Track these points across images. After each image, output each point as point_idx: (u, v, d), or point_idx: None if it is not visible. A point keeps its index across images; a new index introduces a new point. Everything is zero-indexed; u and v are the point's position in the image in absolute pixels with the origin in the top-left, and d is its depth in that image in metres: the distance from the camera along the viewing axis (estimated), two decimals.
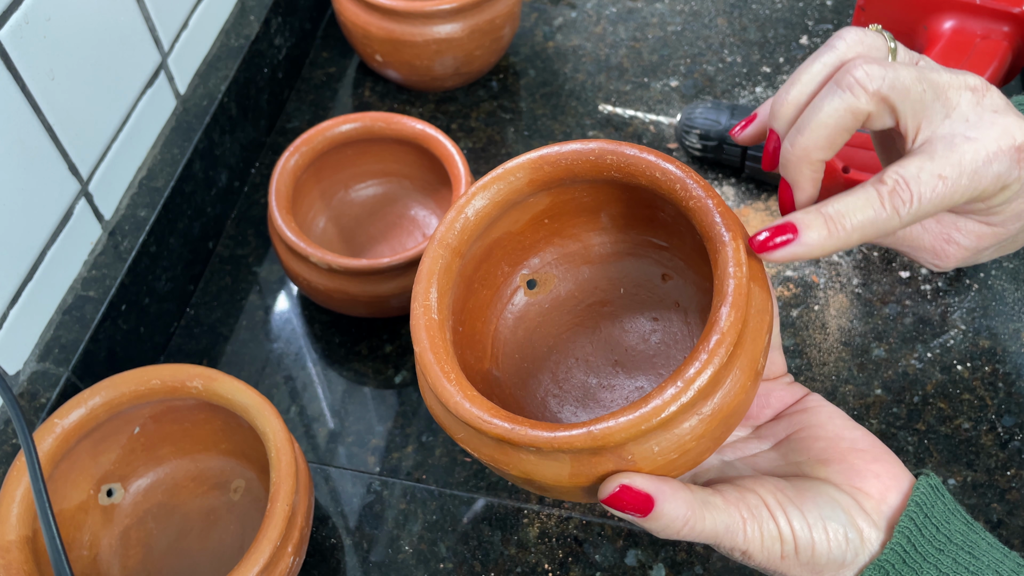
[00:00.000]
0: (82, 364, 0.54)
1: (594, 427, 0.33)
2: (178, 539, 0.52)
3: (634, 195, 0.41)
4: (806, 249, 0.34)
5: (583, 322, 0.45)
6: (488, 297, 0.44)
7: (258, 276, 0.66)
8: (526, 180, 0.40)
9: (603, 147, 0.39)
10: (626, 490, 0.34)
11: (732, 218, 0.36)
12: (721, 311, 0.33)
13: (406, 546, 0.54)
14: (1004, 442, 0.56)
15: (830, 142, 0.35)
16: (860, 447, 0.39)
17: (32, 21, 0.48)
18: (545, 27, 0.81)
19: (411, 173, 0.67)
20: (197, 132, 0.64)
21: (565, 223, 0.44)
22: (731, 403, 0.34)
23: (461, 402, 0.35)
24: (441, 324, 0.37)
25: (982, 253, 0.39)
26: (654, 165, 0.38)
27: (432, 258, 0.39)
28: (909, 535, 0.36)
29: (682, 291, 0.44)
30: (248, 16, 0.71)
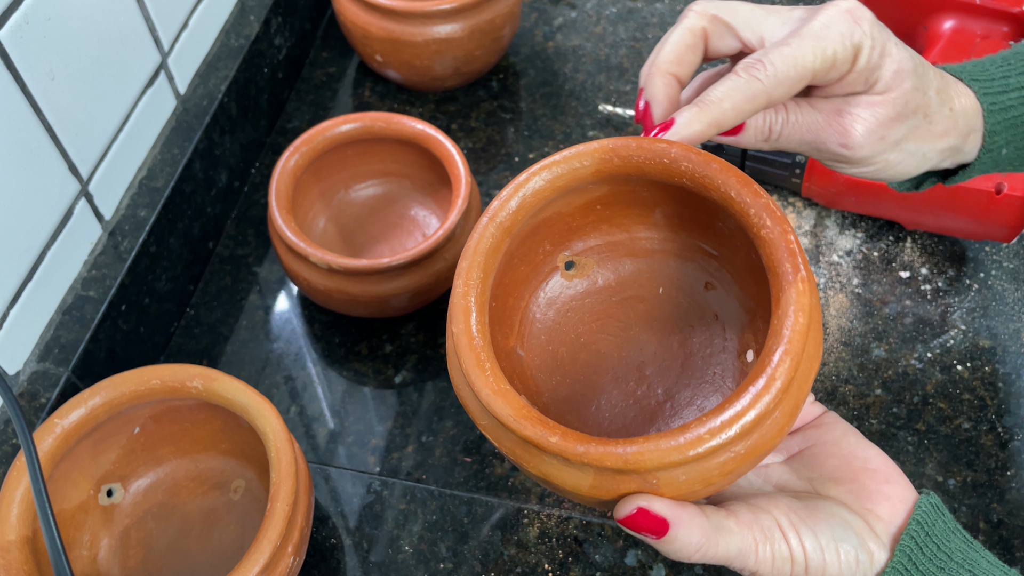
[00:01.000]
0: (82, 364, 0.54)
1: (627, 449, 0.32)
2: (178, 539, 0.52)
3: (697, 200, 0.40)
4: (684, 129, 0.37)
5: (615, 315, 0.44)
6: (525, 274, 0.43)
7: (258, 276, 0.66)
8: (592, 169, 0.39)
9: (680, 153, 0.38)
10: (643, 513, 0.34)
11: (802, 257, 0.35)
12: (775, 354, 0.33)
13: (406, 546, 0.54)
14: (1004, 442, 0.56)
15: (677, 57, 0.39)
16: (872, 467, 0.39)
17: (32, 21, 0.48)
18: (545, 27, 0.81)
19: (411, 173, 0.67)
20: (197, 132, 0.64)
21: (617, 211, 0.43)
22: (765, 444, 0.34)
23: (493, 397, 0.34)
24: (482, 306, 0.36)
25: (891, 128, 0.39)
26: (730, 184, 0.36)
27: (483, 236, 0.37)
28: (910, 553, 0.36)
29: (723, 303, 0.43)
30: (248, 16, 0.71)
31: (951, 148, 0.41)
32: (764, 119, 0.39)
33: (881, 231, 0.66)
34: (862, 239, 0.66)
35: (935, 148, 0.41)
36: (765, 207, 0.36)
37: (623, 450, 0.32)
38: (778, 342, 0.33)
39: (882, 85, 0.38)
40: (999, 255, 0.65)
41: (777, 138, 0.39)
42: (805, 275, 0.34)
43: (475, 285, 0.37)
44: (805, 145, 0.40)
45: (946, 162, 0.42)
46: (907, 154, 0.40)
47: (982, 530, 0.53)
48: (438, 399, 0.60)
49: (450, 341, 0.37)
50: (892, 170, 0.41)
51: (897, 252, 0.65)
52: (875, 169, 0.40)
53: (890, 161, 0.40)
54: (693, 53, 0.39)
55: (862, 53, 0.37)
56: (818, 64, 0.37)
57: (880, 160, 0.40)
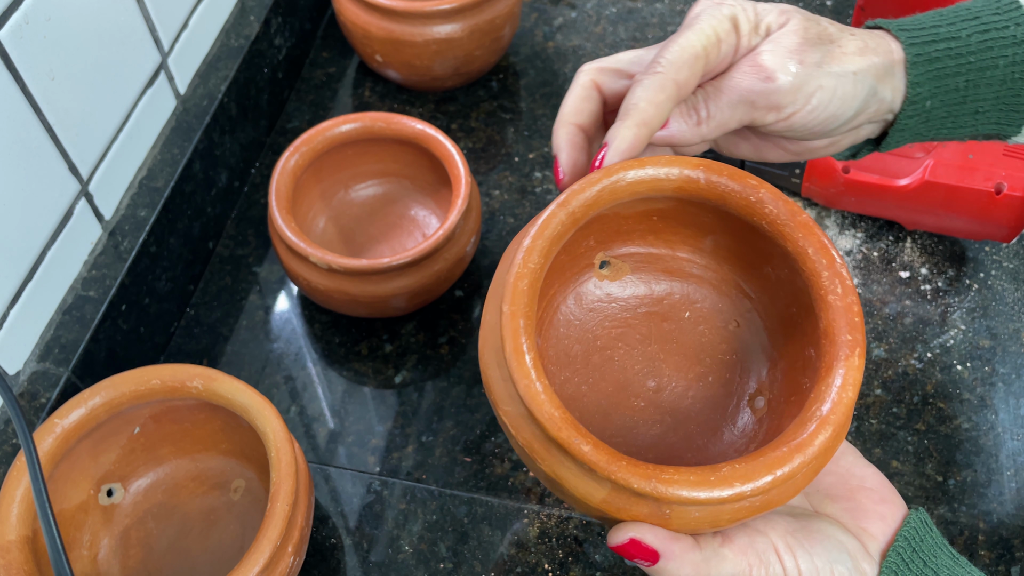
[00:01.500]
0: (82, 364, 0.54)
1: (657, 476, 0.32)
2: (178, 539, 0.52)
3: (758, 242, 0.39)
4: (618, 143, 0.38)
5: (637, 327, 0.44)
6: (563, 262, 0.42)
7: (258, 276, 0.66)
8: (675, 185, 0.38)
9: (768, 196, 0.37)
10: (634, 544, 0.34)
11: (862, 331, 0.35)
12: (814, 422, 0.33)
13: (406, 546, 0.54)
14: (1004, 442, 0.56)
15: (574, 109, 0.40)
16: (868, 486, 0.39)
17: (32, 21, 0.48)
18: (545, 27, 0.81)
19: (411, 173, 0.67)
20: (197, 132, 0.64)
21: (670, 227, 0.42)
22: (780, 500, 0.34)
23: (531, 389, 0.33)
24: (534, 292, 0.35)
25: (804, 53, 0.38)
26: (810, 242, 0.36)
27: (550, 220, 0.36)
28: (896, 569, 0.37)
29: (746, 346, 0.42)
30: (248, 16, 0.71)
31: (882, 67, 0.40)
32: (686, 110, 0.39)
33: (881, 231, 0.66)
34: (862, 239, 0.66)
35: (862, 66, 0.39)
36: (838, 274, 0.36)
37: (652, 476, 0.32)
38: (821, 408, 0.33)
39: (775, 27, 0.39)
40: (999, 255, 0.65)
41: (708, 116, 0.39)
42: (862, 350, 0.34)
43: (533, 270, 0.36)
44: (738, 109, 0.39)
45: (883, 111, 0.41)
46: (836, 76, 0.39)
47: (982, 530, 0.53)
48: (438, 399, 0.60)
49: (492, 317, 0.36)
50: (837, 104, 0.39)
51: (897, 252, 0.65)
52: (818, 104, 0.39)
53: (826, 88, 0.38)
54: (589, 103, 0.41)
55: (739, 18, 0.39)
56: (704, 43, 0.38)
57: (813, 85, 0.38)
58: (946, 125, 0.42)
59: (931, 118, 0.42)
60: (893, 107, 0.41)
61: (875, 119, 0.42)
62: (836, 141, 0.43)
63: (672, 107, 0.38)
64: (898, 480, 0.55)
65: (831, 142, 0.43)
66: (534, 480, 0.56)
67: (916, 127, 0.42)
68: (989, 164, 0.59)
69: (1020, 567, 0.52)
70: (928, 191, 0.61)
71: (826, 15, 0.80)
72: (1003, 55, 0.40)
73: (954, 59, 0.40)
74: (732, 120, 0.39)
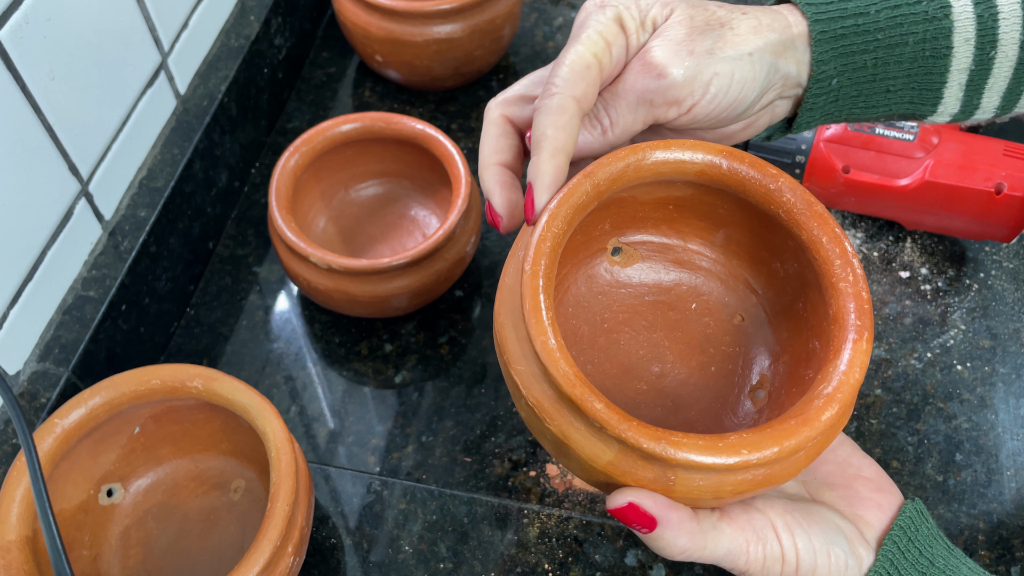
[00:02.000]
0: (82, 364, 0.54)
1: (667, 438, 0.32)
2: (178, 539, 0.52)
3: (771, 233, 0.40)
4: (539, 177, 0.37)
5: (644, 313, 0.44)
6: (578, 242, 0.42)
7: (258, 276, 0.66)
8: (698, 168, 0.38)
9: (787, 185, 0.37)
10: (633, 508, 0.34)
11: (871, 318, 0.35)
12: (822, 398, 0.34)
13: (406, 546, 0.54)
14: (1004, 442, 0.56)
15: (494, 148, 0.40)
16: (865, 475, 0.40)
17: (32, 21, 0.48)
18: (545, 27, 0.81)
19: (411, 173, 0.67)
20: (197, 132, 0.64)
21: (684, 217, 0.42)
22: (781, 476, 0.34)
23: (548, 346, 0.34)
24: (554, 256, 0.36)
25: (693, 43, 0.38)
26: (825, 231, 0.37)
27: (575, 189, 0.37)
28: (892, 558, 0.37)
29: (750, 340, 0.43)
30: (248, 16, 0.71)
31: (780, 44, 0.39)
32: (588, 113, 0.38)
33: (881, 231, 0.66)
34: (862, 239, 0.66)
35: (758, 45, 0.38)
36: (849, 262, 0.36)
37: (663, 437, 0.32)
38: (828, 386, 0.34)
39: (660, 19, 0.38)
40: (999, 255, 0.65)
41: (611, 123, 0.38)
42: (870, 336, 0.35)
43: (556, 234, 0.36)
44: (639, 111, 0.38)
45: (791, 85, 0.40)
46: (733, 62, 0.38)
47: (982, 530, 0.53)
48: (438, 399, 0.60)
49: (511, 280, 0.36)
50: (737, 88, 0.38)
51: (897, 252, 0.65)
52: (717, 92, 0.38)
53: (722, 74, 0.37)
54: (506, 138, 0.40)
55: (624, 17, 0.38)
56: (594, 51, 0.37)
57: (709, 74, 0.37)
58: (857, 105, 0.41)
59: (840, 97, 0.40)
60: (801, 80, 0.40)
61: (785, 94, 0.41)
62: (751, 122, 0.42)
63: (579, 123, 0.37)
64: (898, 480, 0.55)
65: (746, 124, 0.42)
66: (534, 480, 0.56)
67: (825, 106, 0.41)
68: (989, 164, 0.59)
69: (1020, 567, 0.52)
70: (928, 191, 0.61)
71: None
72: (913, 32, 0.38)
73: (861, 36, 0.39)
74: (636, 123, 0.39)
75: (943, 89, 0.40)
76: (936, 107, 0.41)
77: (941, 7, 0.38)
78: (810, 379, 0.37)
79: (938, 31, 0.38)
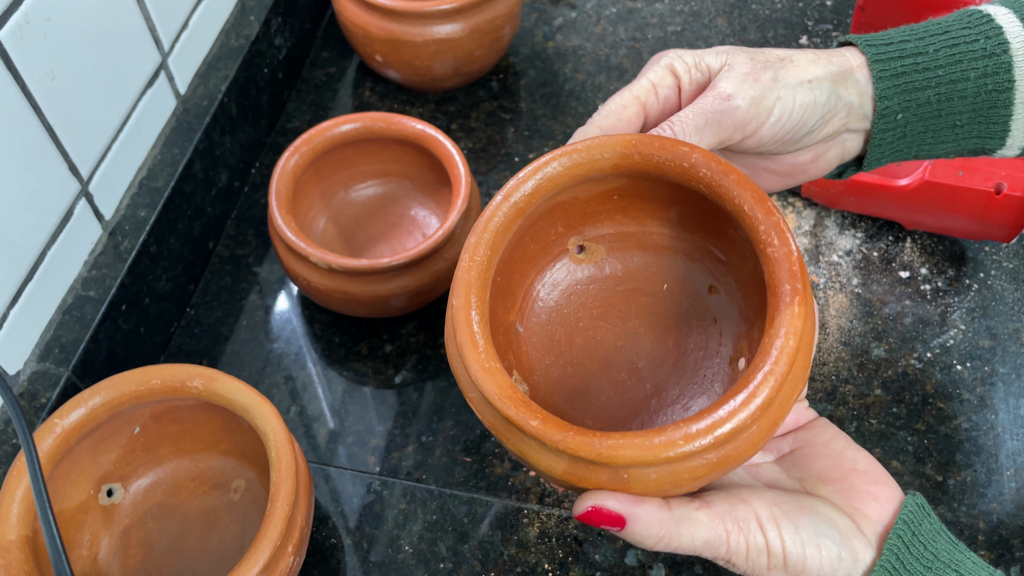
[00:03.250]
0: (82, 364, 0.54)
1: (603, 442, 0.33)
2: (178, 539, 0.52)
3: (711, 206, 0.40)
4: None
5: (617, 305, 0.45)
6: (534, 252, 0.43)
7: (258, 276, 0.66)
8: (612, 162, 0.39)
9: (700, 160, 0.38)
10: (596, 511, 0.35)
11: (803, 281, 0.35)
12: (760, 373, 0.34)
13: (406, 546, 0.54)
14: (1004, 442, 0.56)
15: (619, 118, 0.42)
16: (861, 468, 0.39)
17: (32, 21, 0.48)
18: (545, 27, 0.81)
19: (411, 173, 0.67)
20: (197, 132, 0.64)
21: (634, 203, 0.43)
22: (738, 456, 0.34)
23: (482, 374, 0.35)
24: (484, 283, 0.37)
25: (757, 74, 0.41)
26: (744, 198, 0.37)
27: (494, 214, 0.38)
28: (897, 552, 0.36)
29: (724, 309, 0.43)
30: (248, 16, 0.71)
31: (839, 74, 0.41)
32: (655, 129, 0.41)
33: (881, 231, 0.66)
34: (862, 239, 0.66)
35: (817, 73, 0.41)
36: (775, 225, 0.36)
37: (598, 443, 0.33)
38: (765, 360, 0.34)
39: (716, 65, 0.41)
40: (999, 255, 0.65)
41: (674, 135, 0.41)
42: (803, 299, 0.35)
43: (480, 262, 0.37)
44: (706, 132, 0.41)
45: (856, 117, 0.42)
46: (793, 87, 0.40)
47: (982, 530, 0.53)
48: (438, 399, 0.60)
49: (449, 312, 0.38)
50: (800, 111, 0.41)
51: (897, 252, 0.65)
52: (780, 114, 0.40)
53: (784, 99, 0.40)
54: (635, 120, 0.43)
55: (675, 64, 0.42)
56: (636, 93, 0.42)
57: (772, 99, 0.40)
58: (925, 141, 0.43)
59: (907, 133, 0.42)
60: (865, 111, 0.42)
61: (852, 127, 0.42)
62: (820, 153, 0.43)
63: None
64: (898, 480, 0.55)
65: (814, 156, 0.43)
66: (534, 480, 0.56)
67: (894, 142, 0.42)
68: (989, 164, 0.59)
69: (1020, 567, 0.52)
70: (928, 191, 0.61)
71: (826, 15, 0.80)
72: (973, 68, 0.40)
73: (922, 72, 0.41)
74: (703, 144, 0.40)
75: (1009, 122, 0.41)
76: (1004, 140, 0.42)
77: (999, 43, 0.40)
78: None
79: (998, 66, 0.40)
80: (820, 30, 0.79)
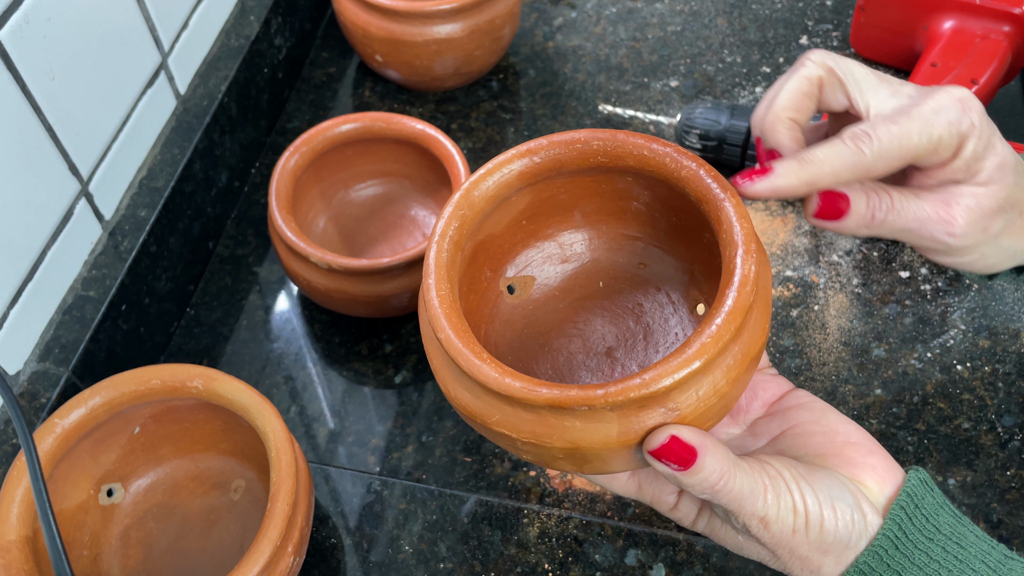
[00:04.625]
0: (82, 364, 0.54)
1: (643, 378, 0.34)
2: (178, 539, 0.52)
3: (609, 187, 0.43)
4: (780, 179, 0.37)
5: (569, 317, 0.46)
6: (475, 302, 0.44)
7: (258, 276, 0.66)
8: (516, 174, 0.41)
9: (588, 135, 0.41)
10: (675, 440, 0.35)
11: (723, 181, 0.38)
12: (737, 259, 0.35)
13: (406, 546, 0.54)
14: (1004, 442, 0.56)
15: (794, 104, 0.40)
16: (854, 440, 0.40)
17: (32, 21, 0.48)
18: (545, 27, 0.81)
19: (411, 173, 0.67)
20: (197, 132, 0.64)
21: (541, 223, 0.45)
22: (755, 345, 0.36)
23: (503, 378, 0.35)
24: (458, 311, 0.38)
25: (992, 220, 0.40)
26: (640, 145, 0.40)
27: (437, 252, 0.39)
28: (900, 522, 0.37)
29: (660, 275, 0.45)
30: (248, 16, 0.71)
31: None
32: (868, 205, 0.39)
33: None
34: (862, 239, 0.66)
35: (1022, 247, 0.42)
36: (677, 150, 0.39)
37: (639, 379, 0.34)
38: (734, 250, 0.36)
39: (984, 176, 0.39)
40: None
41: (880, 224, 0.40)
42: (733, 192, 0.37)
43: (446, 295, 0.38)
44: (907, 232, 0.40)
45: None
46: (1000, 249, 0.41)
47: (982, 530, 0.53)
48: (438, 399, 0.60)
49: (436, 355, 0.38)
50: (984, 262, 0.42)
51: (897, 252, 0.65)
52: (970, 260, 0.42)
53: (985, 255, 0.41)
54: (809, 101, 0.40)
55: (968, 143, 0.38)
56: (922, 147, 0.37)
57: (977, 252, 0.41)
58: None
59: None
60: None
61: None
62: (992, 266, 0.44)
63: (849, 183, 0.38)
64: None
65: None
66: (534, 480, 0.56)
67: None
68: None
69: None
70: None
71: (826, 15, 0.80)
72: None
73: None
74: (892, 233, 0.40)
75: None
76: None
77: None
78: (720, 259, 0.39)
79: None
80: (820, 30, 0.79)
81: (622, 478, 0.43)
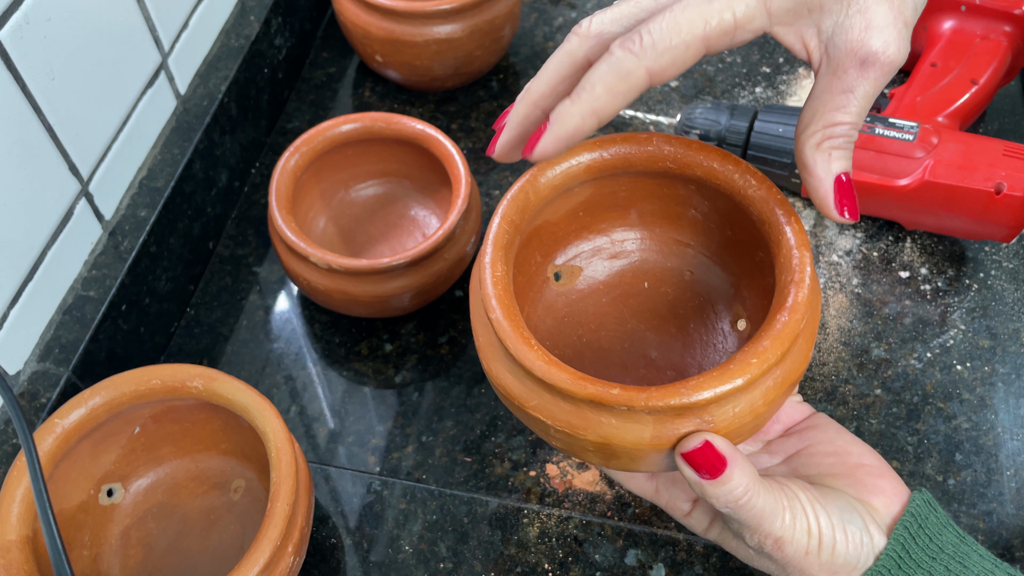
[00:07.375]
0: (82, 364, 0.54)
1: (685, 387, 0.34)
2: (178, 539, 0.52)
3: (670, 192, 0.43)
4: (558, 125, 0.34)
5: (610, 313, 0.46)
6: (522, 284, 0.44)
7: (258, 276, 0.66)
8: (583, 166, 0.41)
9: (662, 139, 0.41)
10: (709, 447, 0.34)
11: (788, 206, 0.38)
12: (791, 286, 0.35)
13: (406, 546, 0.54)
14: (1004, 442, 0.56)
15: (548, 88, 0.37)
16: (866, 463, 0.40)
17: (32, 21, 0.48)
18: (545, 27, 0.81)
19: (411, 173, 0.67)
20: (197, 132, 0.64)
21: (597, 217, 0.45)
22: (797, 371, 0.36)
23: (549, 368, 0.35)
24: (511, 294, 0.38)
25: None
26: (713, 159, 0.40)
27: (498, 232, 0.39)
28: (904, 542, 0.37)
29: (705, 285, 0.45)
30: (248, 16, 0.71)
31: None
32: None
33: (881, 231, 0.66)
34: (862, 239, 0.66)
35: None
36: (748, 170, 0.39)
37: (682, 388, 0.34)
38: (790, 277, 0.36)
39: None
40: (999, 255, 0.65)
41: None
42: (796, 216, 0.38)
43: (501, 276, 0.38)
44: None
45: None
46: None
47: (982, 530, 0.53)
48: (438, 399, 0.60)
49: (483, 333, 0.38)
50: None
51: (897, 252, 0.65)
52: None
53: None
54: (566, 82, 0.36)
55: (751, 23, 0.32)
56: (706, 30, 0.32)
57: None
58: None
59: None
60: None
61: None
62: None
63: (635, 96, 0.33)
64: None
65: None
66: (534, 480, 0.56)
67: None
68: (989, 164, 0.59)
69: (1020, 567, 0.52)
70: (928, 191, 0.61)
71: None
72: None
73: None
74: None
75: None
76: None
77: None
78: (772, 283, 0.39)
79: None
80: None
81: (641, 478, 0.43)
